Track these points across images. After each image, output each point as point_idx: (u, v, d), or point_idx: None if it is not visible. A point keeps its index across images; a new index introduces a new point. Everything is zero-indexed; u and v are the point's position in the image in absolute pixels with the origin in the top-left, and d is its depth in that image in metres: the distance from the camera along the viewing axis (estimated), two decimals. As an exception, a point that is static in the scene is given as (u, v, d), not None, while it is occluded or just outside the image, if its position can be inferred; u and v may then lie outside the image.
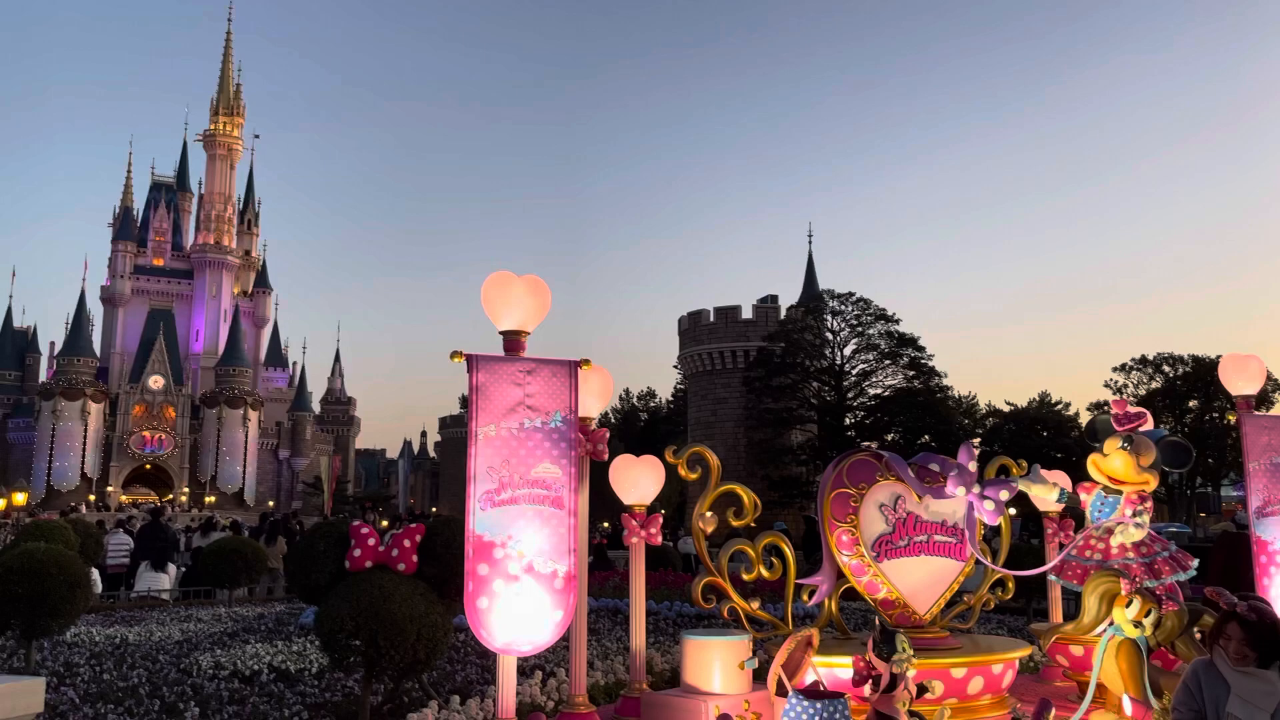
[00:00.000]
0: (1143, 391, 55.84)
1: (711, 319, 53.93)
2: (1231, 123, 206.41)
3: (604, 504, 6.51)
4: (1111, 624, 5.14)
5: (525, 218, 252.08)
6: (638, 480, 5.80)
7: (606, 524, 27.49)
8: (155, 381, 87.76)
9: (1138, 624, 5.03)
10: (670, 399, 76.54)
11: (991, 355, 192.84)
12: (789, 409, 49.92)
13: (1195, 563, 5.89)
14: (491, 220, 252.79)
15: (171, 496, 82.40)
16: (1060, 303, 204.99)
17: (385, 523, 27.09)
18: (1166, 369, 56.50)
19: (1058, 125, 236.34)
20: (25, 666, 8.12)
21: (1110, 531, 5.80)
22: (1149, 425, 5.97)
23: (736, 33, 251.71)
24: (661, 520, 5.86)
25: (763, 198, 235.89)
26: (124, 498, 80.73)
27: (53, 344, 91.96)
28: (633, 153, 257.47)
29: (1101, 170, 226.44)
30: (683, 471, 5.93)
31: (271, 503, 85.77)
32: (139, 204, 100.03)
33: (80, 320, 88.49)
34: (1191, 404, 54.96)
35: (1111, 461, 5.79)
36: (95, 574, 12.99)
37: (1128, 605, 5.07)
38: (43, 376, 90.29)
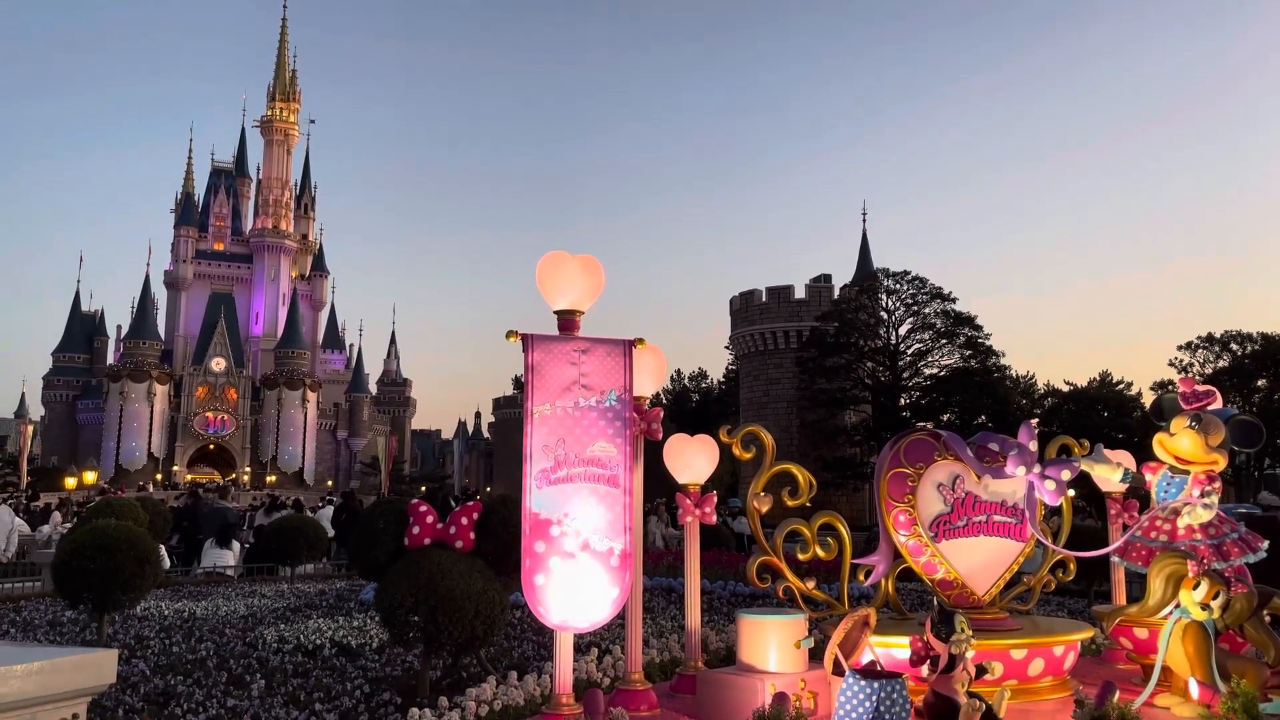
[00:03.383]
0: (1209, 370, 54.39)
1: (764, 299, 53.56)
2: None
3: (657, 484, 6.53)
4: (1178, 606, 5.03)
5: (579, 200, 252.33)
6: (692, 460, 5.78)
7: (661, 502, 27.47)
8: (217, 364, 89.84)
9: (1205, 606, 4.92)
10: (722, 380, 76.33)
11: (1051, 334, 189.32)
12: (843, 389, 49.49)
13: (1265, 544, 5.74)
14: (546, 202, 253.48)
15: (234, 476, 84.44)
16: (1121, 281, 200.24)
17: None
18: (1235, 347, 54.95)
19: (1115, 86, 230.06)
20: (98, 639, 8.40)
21: (1177, 512, 5.67)
22: (1218, 404, 5.81)
23: (788, 13, 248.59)
24: (715, 500, 5.83)
25: (816, 175, 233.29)
26: (189, 477, 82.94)
27: (119, 327, 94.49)
28: (685, 134, 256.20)
29: (1173, 146, 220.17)
30: (737, 451, 5.90)
31: (330, 482, 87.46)
32: (199, 190, 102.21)
33: (145, 304, 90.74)
34: (1260, 383, 53.42)
35: (1179, 441, 5.65)
36: (163, 550, 13.37)
37: (1195, 587, 4.96)
38: (110, 359, 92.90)
